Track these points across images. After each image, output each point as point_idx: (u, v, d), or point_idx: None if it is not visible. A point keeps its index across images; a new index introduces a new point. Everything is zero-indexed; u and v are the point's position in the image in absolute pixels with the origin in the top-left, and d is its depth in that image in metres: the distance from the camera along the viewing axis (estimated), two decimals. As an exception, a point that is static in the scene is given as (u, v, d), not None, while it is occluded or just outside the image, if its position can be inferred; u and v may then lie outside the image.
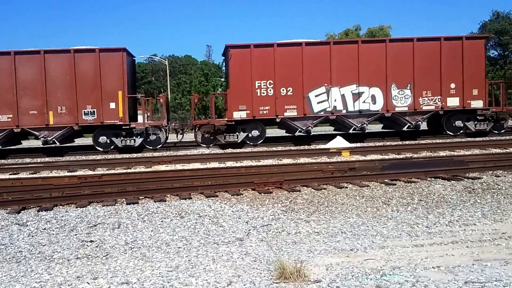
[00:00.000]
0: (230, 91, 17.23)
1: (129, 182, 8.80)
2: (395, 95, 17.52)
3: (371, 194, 7.57)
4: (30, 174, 11.72)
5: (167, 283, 3.88)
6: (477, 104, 17.76)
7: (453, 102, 17.70)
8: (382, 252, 4.78)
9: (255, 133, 17.29)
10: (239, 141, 17.22)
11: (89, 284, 3.95)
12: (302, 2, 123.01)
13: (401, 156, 12.64)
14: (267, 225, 6.03)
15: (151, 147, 17.15)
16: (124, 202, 7.39)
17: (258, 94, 17.01)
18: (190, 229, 5.91)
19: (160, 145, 17.28)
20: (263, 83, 17.03)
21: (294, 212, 6.67)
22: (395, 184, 8.21)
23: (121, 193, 7.82)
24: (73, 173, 11.24)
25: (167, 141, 18.43)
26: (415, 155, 12.79)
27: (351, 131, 17.85)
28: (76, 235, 5.77)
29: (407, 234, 5.50)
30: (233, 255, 4.75)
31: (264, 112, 17.11)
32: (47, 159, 15.33)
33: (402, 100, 17.54)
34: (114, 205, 7.18)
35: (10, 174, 11.59)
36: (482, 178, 8.53)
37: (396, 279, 3.80)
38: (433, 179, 8.60)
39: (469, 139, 17.34)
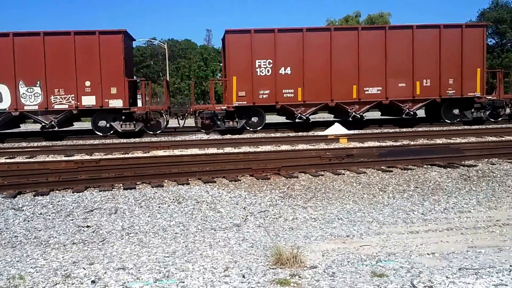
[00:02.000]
0: None
1: (127, 167, 8.79)
2: (24, 93, 16.11)
3: (367, 181, 7.59)
4: (26, 158, 11.68)
5: (163, 269, 3.90)
6: (117, 103, 16.35)
7: (89, 101, 16.30)
8: (378, 238, 4.81)
9: None
10: None
11: (85, 269, 3.96)
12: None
13: (398, 143, 12.66)
14: (264, 211, 6.06)
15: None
16: (121, 187, 7.39)
17: None
18: (187, 215, 5.92)
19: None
20: None
21: (292, 198, 6.69)
22: (392, 171, 8.23)
23: (118, 178, 7.82)
24: (70, 158, 11.21)
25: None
26: (412, 143, 12.82)
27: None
28: (72, 220, 5.77)
29: (403, 221, 5.53)
30: (230, 241, 4.77)
31: None
32: (44, 143, 15.27)
33: (31, 98, 16.17)
34: (111, 190, 7.17)
35: (6, 158, 11.54)
36: (477, 165, 8.57)
37: (391, 265, 3.83)
38: (429, 166, 8.63)
39: (465, 127, 17.38)
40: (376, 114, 21.46)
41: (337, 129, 16.43)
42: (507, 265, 3.77)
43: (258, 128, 17.32)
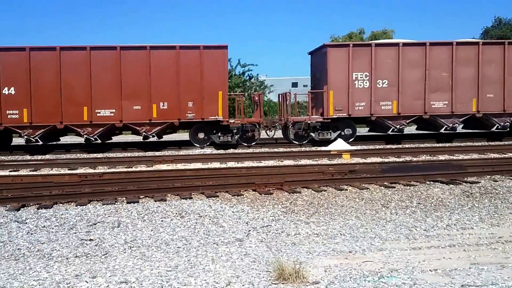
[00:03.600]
0: None
1: (130, 181, 8.83)
2: None
3: (370, 197, 7.59)
4: (30, 171, 11.74)
5: (166, 283, 3.91)
6: None
7: None
8: (380, 254, 4.81)
9: None
10: None
11: (87, 283, 3.97)
12: (307, 3, 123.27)
13: (400, 159, 12.67)
14: (267, 226, 6.06)
15: None
16: (125, 201, 7.42)
17: None
18: (190, 229, 5.93)
19: None
20: None
21: (294, 214, 6.70)
22: (394, 187, 8.24)
23: (121, 192, 7.85)
24: (73, 171, 11.27)
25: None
26: (415, 159, 12.83)
27: None
28: (75, 233, 5.79)
29: (405, 237, 5.53)
30: (232, 256, 4.78)
31: None
32: (47, 156, 15.36)
33: None
34: (114, 203, 7.20)
35: (10, 171, 11.61)
36: (480, 182, 8.57)
37: (393, 282, 3.83)
38: (432, 182, 8.63)
39: (469, 143, 17.38)
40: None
41: (340, 144, 16.50)
42: (509, 282, 3.76)
43: None
